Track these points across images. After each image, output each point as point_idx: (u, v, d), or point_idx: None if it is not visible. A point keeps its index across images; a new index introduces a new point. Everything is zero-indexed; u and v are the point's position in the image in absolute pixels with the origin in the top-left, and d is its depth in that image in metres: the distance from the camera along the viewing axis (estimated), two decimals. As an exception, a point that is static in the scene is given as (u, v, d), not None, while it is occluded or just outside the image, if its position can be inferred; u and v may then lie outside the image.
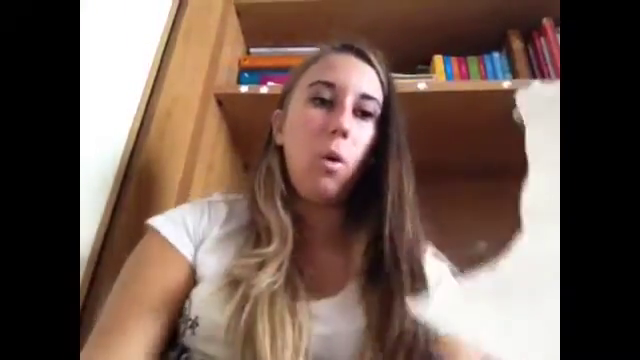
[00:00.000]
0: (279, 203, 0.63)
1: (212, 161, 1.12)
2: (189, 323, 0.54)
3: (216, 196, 0.72)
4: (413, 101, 1.11)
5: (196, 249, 0.61)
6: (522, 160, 1.26)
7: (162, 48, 1.09)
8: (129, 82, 0.97)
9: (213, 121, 1.12)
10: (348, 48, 0.69)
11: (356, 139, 0.63)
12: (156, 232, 0.61)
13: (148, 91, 1.02)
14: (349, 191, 0.64)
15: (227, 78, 1.22)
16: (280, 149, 0.68)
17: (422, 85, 1.10)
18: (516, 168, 1.48)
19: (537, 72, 1.21)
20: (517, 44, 1.25)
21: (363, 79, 0.65)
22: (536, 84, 0.36)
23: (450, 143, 1.28)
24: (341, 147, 0.61)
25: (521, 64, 1.22)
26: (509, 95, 1.17)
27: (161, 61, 1.08)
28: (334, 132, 0.60)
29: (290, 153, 0.66)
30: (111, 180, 0.87)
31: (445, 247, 1.30)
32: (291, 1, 1.27)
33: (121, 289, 0.58)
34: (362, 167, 0.64)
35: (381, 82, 0.67)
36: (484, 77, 1.25)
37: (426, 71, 1.31)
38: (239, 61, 1.30)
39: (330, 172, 0.60)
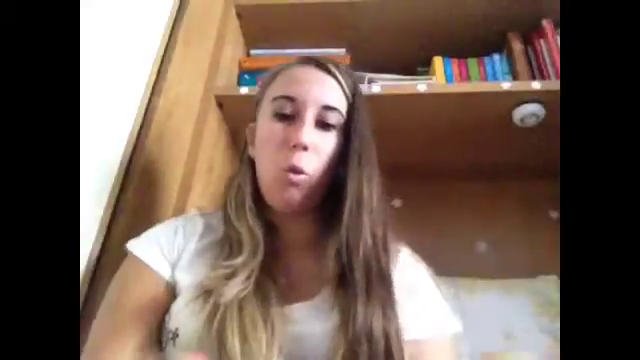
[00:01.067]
0: (249, 216, 0.65)
1: (212, 162, 1.12)
2: (170, 335, 0.57)
3: (193, 211, 0.75)
4: (413, 103, 1.11)
5: (173, 267, 0.64)
6: (521, 161, 1.27)
7: (162, 49, 1.10)
8: (129, 83, 0.97)
9: (213, 122, 1.12)
10: (308, 60, 0.70)
11: (318, 150, 0.63)
12: (132, 254, 0.64)
13: (148, 92, 1.02)
14: (317, 200, 0.65)
15: (227, 80, 1.22)
16: (253, 162, 0.70)
17: (422, 87, 1.10)
18: (516, 169, 1.49)
19: (537, 73, 1.21)
20: (517, 46, 1.25)
21: (324, 90, 0.66)
22: None
23: (450, 144, 1.28)
24: (302, 160, 0.62)
25: (521, 65, 1.22)
26: (509, 97, 1.18)
27: (161, 62, 1.08)
28: (295, 146, 0.62)
29: (258, 167, 0.67)
30: (111, 181, 0.87)
31: (445, 247, 1.31)
32: (291, 3, 1.27)
33: (104, 312, 0.61)
34: (328, 176, 0.64)
35: (344, 92, 0.67)
36: (484, 79, 1.25)
37: (426, 73, 1.31)
38: (239, 62, 1.30)
39: (294, 183, 0.62)
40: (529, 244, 1.32)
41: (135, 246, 0.65)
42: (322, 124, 0.65)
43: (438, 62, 1.27)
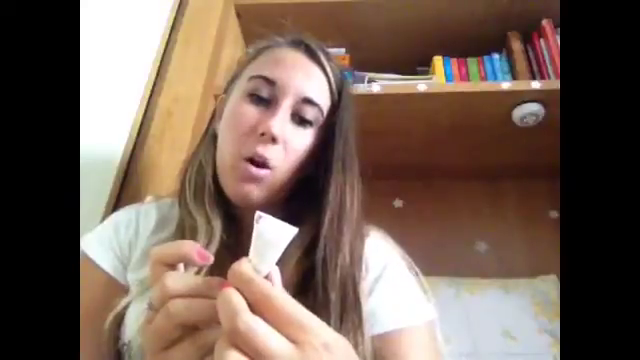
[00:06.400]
0: (208, 201, 0.58)
1: (212, 162, 1.12)
2: (125, 348, 0.52)
3: (148, 200, 0.67)
4: (413, 102, 1.11)
5: (124, 266, 0.59)
6: (521, 160, 1.27)
7: (162, 48, 1.10)
8: (130, 82, 0.97)
9: (213, 122, 1.12)
10: (299, 44, 0.62)
11: (289, 145, 0.56)
12: (84, 253, 0.59)
13: (148, 91, 1.02)
14: (281, 197, 0.58)
15: (227, 79, 1.22)
16: (217, 138, 0.62)
17: (422, 86, 1.10)
18: (515, 169, 1.49)
19: (537, 73, 1.21)
20: (517, 45, 1.26)
21: (308, 81, 0.58)
22: None
23: (450, 144, 1.28)
24: (268, 152, 0.54)
25: (521, 65, 1.22)
26: (509, 96, 1.18)
27: (161, 61, 1.08)
28: (263, 134, 0.54)
29: (219, 147, 0.60)
30: (111, 180, 0.87)
31: (445, 247, 1.31)
32: (291, 2, 1.27)
33: None
34: (297, 175, 0.58)
35: (330, 88, 0.60)
36: (484, 78, 1.26)
37: (426, 72, 1.31)
38: (239, 62, 1.30)
39: (253, 178, 0.54)
40: (529, 244, 1.32)
41: (88, 244, 0.60)
42: (298, 118, 0.57)
43: (438, 62, 1.28)
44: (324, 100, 0.59)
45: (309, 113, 0.58)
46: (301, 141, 0.57)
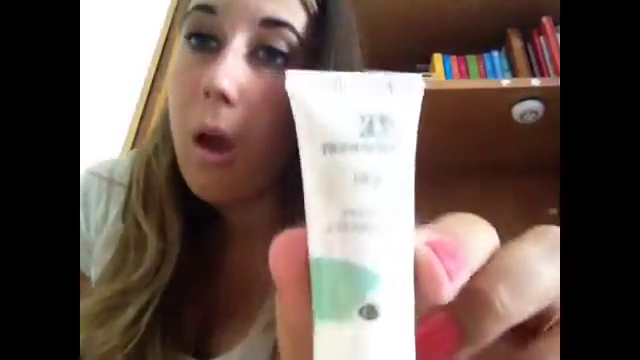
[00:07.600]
0: (165, 201, 0.41)
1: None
2: None
3: (119, 172, 0.49)
4: (412, 99, 1.11)
5: (89, 250, 0.47)
6: (520, 158, 1.28)
7: (162, 44, 1.10)
8: (129, 79, 0.97)
9: (212, 119, 1.13)
10: None
11: (253, 101, 0.37)
12: None
13: (148, 88, 1.02)
14: (266, 180, 0.41)
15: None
16: None
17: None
18: (514, 166, 1.49)
19: (536, 71, 1.22)
20: (517, 43, 1.26)
21: None
22: None
23: (449, 141, 1.28)
24: (222, 118, 0.36)
25: (521, 63, 1.22)
26: (508, 94, 1.18)
27: (161, 57, 1.08)
28: (208, 95, 0.36)
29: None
30: (110, 178, 0.87)
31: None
32: None
33: None
34: (282, 141, 0.39)
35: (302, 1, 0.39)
36: (483, 76, 1.26)
37: (425, 70, 1.31)
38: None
39: (214, 165, 0.37)
40: (528, 241, 1.32)
41: None
42: (263, 52, 0.38)
43: (437, 59, 1.28)
44: (297, 17, 0.38)
45: (277, 39, 0.38)
46: (272, 86, 0.38)
